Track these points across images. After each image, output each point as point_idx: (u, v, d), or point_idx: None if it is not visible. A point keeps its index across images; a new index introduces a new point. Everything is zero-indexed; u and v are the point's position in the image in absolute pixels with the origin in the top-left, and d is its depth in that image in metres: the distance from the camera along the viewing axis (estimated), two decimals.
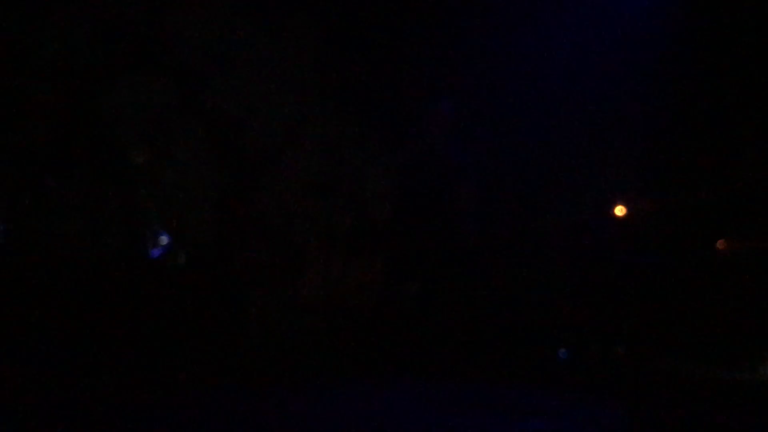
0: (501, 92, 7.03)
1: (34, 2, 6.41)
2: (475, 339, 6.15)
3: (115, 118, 6.66)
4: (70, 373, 4.67)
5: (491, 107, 7.14)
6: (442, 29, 7.25)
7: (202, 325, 5.94)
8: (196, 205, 6.90)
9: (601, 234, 6.27)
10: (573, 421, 4.24)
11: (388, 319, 5.59)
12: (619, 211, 6.43)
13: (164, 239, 6.43)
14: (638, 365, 5.38)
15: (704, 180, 6.37)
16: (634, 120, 6.89)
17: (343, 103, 7.21)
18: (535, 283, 6.55)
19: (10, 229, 6.12)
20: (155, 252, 6.35)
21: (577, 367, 5.71)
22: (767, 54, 6.68)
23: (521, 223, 6.83)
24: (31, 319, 5.49)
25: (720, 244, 6.09)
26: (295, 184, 7.21)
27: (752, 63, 6.74)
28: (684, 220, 6.27)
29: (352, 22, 7.25)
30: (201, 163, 6.96)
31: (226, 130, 7.08)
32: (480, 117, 7.12)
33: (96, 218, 6.25)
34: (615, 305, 5.87)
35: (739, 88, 6.85)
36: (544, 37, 6.95)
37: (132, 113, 6.77)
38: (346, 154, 7.28)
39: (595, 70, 6.83)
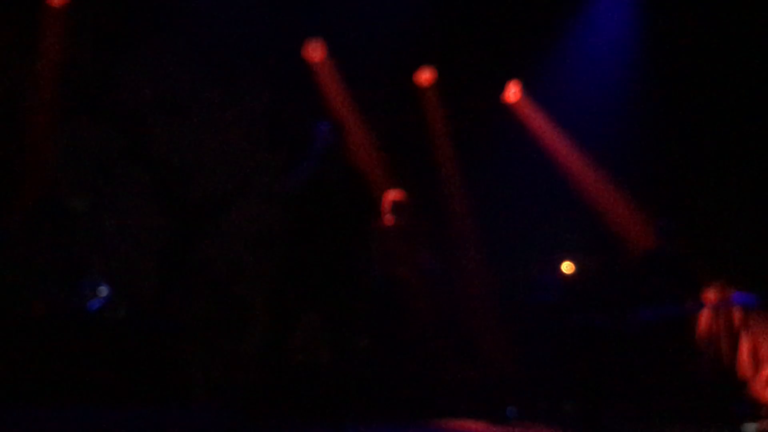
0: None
1: None
2: (423, 397, 6.05)
3: (57, 162, 6.48)
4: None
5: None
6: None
7: (141, 382, 5.71)
8: (138, 255, 6.71)
9: (549, 291, 6.29)
10: None
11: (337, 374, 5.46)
12: (567, 268, 6.45)
13: (103, 290, 6.19)
14: (588, 423, 5.36)
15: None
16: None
17: (294, 154, 7.17)
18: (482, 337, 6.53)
19: None
20: (94, 304, 6.11)
21: (526, 424, 5.66)
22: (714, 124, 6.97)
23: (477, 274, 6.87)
24: None
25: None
26: (242, 235, 7.09)
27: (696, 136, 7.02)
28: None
29: (303, 75, 7.26)
30: (144, 211, 6.80)
31: (171, 178, 6.95)
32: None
33: (32, 268, 5.99)
34: (565, 363, 5.85)
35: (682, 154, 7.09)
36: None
37: (74, 158, 6.59)
38: None
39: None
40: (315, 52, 7.09)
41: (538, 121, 7.41)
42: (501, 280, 6.86)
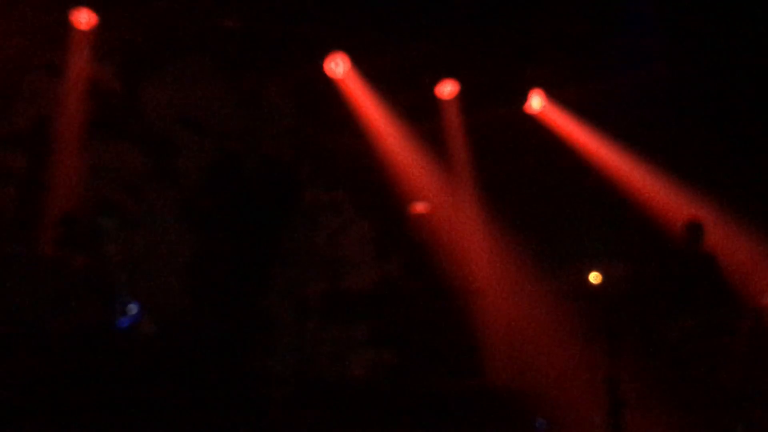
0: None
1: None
2: (449, 405, 6.01)
3: (85, 181, 6.58)
4: None
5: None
6: None
7: (170, 397, 5.74)
8: (166, 272, 6.76)
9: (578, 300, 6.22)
10: None
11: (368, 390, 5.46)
12: (594, 278, 6.34)
13: (133, 308, 6.25)
14: None
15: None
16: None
17: (321, 170, 7.22)
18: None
19: None
20: (124, 321, 6.17)
21: None
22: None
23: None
24: None
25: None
26: (268, 252, 7.12)
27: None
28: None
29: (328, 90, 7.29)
30: (172, 229, 6.87)
31: (198, 196, 7.02)
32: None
33: (62, 286, 6.08)
34: (594, 372, 5.77)
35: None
36: None
37: (103, 177, 6.69)
38: (323, 220, 7.25)
39: None
40: (338, 66, 7.12)
41: (568, 127, 7.34)
42: (524, 289, 6.81)
